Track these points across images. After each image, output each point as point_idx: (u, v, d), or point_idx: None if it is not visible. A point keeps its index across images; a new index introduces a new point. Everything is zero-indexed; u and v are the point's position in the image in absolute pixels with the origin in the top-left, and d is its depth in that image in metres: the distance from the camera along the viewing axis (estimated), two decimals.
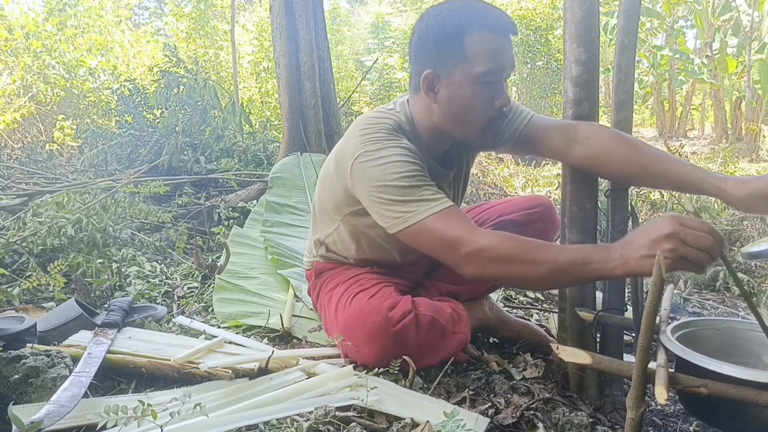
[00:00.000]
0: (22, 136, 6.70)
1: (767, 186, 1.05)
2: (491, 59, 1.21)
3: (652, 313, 0.88)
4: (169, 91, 4.21)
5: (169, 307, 1.90)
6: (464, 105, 1.26)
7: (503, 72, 1.24)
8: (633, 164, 1.22)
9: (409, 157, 1.24)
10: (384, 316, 1.26)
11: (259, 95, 10.32)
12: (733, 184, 1.10)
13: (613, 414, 1.24)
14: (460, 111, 1.27)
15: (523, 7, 10.40)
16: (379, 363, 1.25)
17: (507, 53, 1.24)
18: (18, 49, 7.30)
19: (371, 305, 1.31)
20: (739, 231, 3.03)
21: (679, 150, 3.57)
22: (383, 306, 1.28)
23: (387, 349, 1.26)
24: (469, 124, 1.29)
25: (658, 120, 14.31)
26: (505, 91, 1.26)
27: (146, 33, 11.95)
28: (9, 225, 2.51)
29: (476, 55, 1.21)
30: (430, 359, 1.33)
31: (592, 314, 1.24)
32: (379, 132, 1.29)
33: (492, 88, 1.24)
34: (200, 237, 2.93)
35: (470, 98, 1.25)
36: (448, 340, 1.34)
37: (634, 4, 1.24)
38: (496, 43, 1.22)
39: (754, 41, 11.03)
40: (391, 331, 1.25)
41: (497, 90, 1.24)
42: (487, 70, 1.21)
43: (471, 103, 1.25)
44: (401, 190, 1.20)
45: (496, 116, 1.27)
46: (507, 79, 1.28)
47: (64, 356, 1.24)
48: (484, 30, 1.21)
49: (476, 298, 1.61)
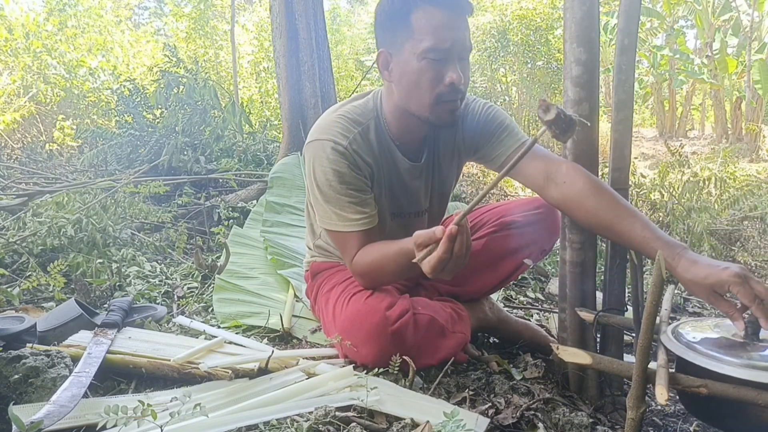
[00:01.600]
0: (22, 136, 6.70)
1: (709, 276, 1.05)
2: (436, 35, 1.22)
3: (652, 313, 0.88)
4: (169, 91, 4.21)
5: (169, 307, 1.90)
6: (413, 81, 1.27)
7: (450, 49, 1.23)
8: (599, 218, 1.23)
9: (345, 165, 1.31)
10: (382, 316, 1.26)
11: (259, 95, 10.31)
12: (684, 264, 1.09)
13: (613, 414, 1.24)
14: (410, 87, 1.28)
15: (523, 7, 10.38)
16: (378, 363, 1.25)
17: (455, 30, 1.23)
18: (18, 49, 7.29)
19: (369, 305, 1.31)
20: (739, 231, 3.03)
21: (679, 150, 3.57)
22: (381, 305, 1.28)
23: (385, 349, 1.26)
24: (420, 100, 1.29)
25: (658, 120, 14.30)
26: (456, 68, 1.24)
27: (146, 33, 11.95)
28: (9, 225, 2.51)
29: (421, 31, 1.22)
30: (429, 359, 1.32)
31: (592, 314, 1.24)
32: (333, 127, 1.35)
33: (441, 64, 1.24)
34: (200, 237, 2.93)
35: (417, 74, 1.25)
36: (447, 340, 1.34)
37: (634, 4, 1.24)
38: (442, 18, 1.22)
39: (754, 41, 11.03)
40: (389, 330, 1.25)
41: (447, 67, 1.24)
42: (432, 45, 1.22)
43: (419, 80, 1.26)
44: (329, 195, 1.33)
45: (446, 92, 1.26)
46: (464, 58, 1.27)
47: (64, 356, 1.24)
48: (430, 5, 1.22)
49: (477, 298, 1.61)
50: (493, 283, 1.59)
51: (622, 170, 1.28)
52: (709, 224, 2.82)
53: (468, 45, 1.27)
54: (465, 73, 1.27)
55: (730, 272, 1.02)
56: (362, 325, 1.29)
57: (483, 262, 1.52)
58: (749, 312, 0.99)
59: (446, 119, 1.33)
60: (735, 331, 1.02)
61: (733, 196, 3.11)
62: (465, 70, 1.28)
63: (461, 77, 1.25)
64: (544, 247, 1.59)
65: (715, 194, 3.24)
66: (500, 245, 1.52)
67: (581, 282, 1.29)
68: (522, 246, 1.53)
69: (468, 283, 1.58)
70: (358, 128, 1.36)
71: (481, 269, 1.54)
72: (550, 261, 2.63)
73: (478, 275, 1.55)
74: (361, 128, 1.36)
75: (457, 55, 1.25)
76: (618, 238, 1.22)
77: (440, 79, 1.25)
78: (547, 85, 10.40)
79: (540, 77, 10.48)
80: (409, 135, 1.41)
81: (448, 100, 1.28)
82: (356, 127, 1.36)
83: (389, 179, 1.43)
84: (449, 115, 1.31)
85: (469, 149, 1.48)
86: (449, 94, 1.27)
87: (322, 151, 1.32)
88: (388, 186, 1.44)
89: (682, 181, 3.18)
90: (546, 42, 10.27)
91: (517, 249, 1.53)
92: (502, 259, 1.54)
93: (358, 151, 1.34)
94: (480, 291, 1.61)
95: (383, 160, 1.41)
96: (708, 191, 3.26)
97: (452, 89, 1.26)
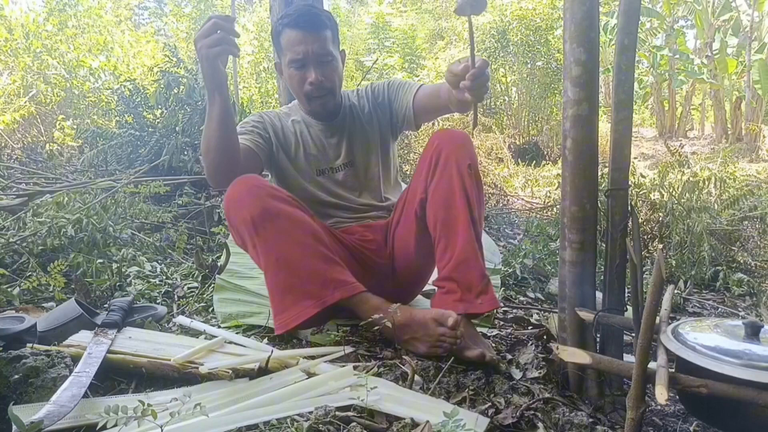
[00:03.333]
0: (22, 136, 6.70)
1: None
2: (292, 49, 1.63)
3: (652, 313, 0.88)
4: (169, 91, 4.20)
5: (170, 307, 1.90)
6: (291, 85, 1.72)
7: (304, 58, 1.62)
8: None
9: (255, 117, 1.76)
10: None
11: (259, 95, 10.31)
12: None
13: (613, 414, 1.24)
14: (290, 86, 1.73)
15: (522, 7, 10.38)
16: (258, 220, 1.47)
17: (307, 44, 1.61)
18: (18, 49, 7.29)
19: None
20: (739, 231, 3.03)
21: (679, 150, 3.57)
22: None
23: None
24: (298, 95, 1.73)
25: (658, 120, 14.30)
26: (312, 71, 1.64)
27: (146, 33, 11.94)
28: (9, 225, 2.51)
29: (285, 47, 1.66)
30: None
31: (592, 314, 1.24)
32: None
33: (302, 70, 1.65)
34: (200, 237, 2.93)
35: (290, 79, 1.70)
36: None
37: (634, 4, 1.24)
38: (297, 36, 1.62)
39: (754, 41, 11.03)
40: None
41: (306, 71, 1.65)
42: (291, 57, 1.64)
43: (292, 83, 1.70)
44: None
45: (310, 90, 1.67)
46: (323, 62, 1.64)
47: (64, 356, 1.24)
48: (288, 28, 1.64)
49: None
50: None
51: (622, 170, 1.28)
52: (709, 224, 2.82)
53: (324, 51, 1.63)
54: (325, 72, 1.65)
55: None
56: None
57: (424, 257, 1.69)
58: (749, 313, 0.99)
59: (320, 111, 1.75)
60: (735, 331, 1.02)
61: (733, 196, 3.10)
62: (324, 70, 1.65)
63: (318, 77, 1.64)
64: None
65: (715, 194, 3.24)
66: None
67: (581, 282, 1.29)
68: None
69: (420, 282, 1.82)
70: (284, 110, 1.85)
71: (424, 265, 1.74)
72: (550, 261, 2.63)
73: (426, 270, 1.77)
74: (282, 112, 1.83)
75: (312, 61, 1.63)
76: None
77: (303, 80, 1.66)
78: (547, 85, 10.40)
79: (540, 77, 10.48)
80: (321, 110, 1.77)
81: (314, 96, 1.68)
82: (283, 109, 1.85)
83: (305, 140, 1.78)
84: (321, 108, 1.73)
85: (383, 112, 1.83)
86: (313, 91, 1.67)
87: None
88: (304, 145, 1.78)
89: (682, 181, 3.18)
90: (546, 42, 10.27)
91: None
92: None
93: (270, 116, 1.80)
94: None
95: (298, 126, 1.79)
96: (708, 191, 3.26)
97: (314, 88, 1.66)
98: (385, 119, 1.84)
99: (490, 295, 1.48)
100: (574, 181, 1.28)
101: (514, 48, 10.37)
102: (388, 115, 1.83)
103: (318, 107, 1.72)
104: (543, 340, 1.64)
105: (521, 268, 2.52)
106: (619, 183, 1.28)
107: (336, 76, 1.70)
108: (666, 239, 2.96)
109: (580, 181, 1.28)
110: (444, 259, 1.51)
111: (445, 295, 1.49)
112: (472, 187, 1.52)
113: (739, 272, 2.61)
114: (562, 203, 1.32)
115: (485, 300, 1.47)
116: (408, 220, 1.68)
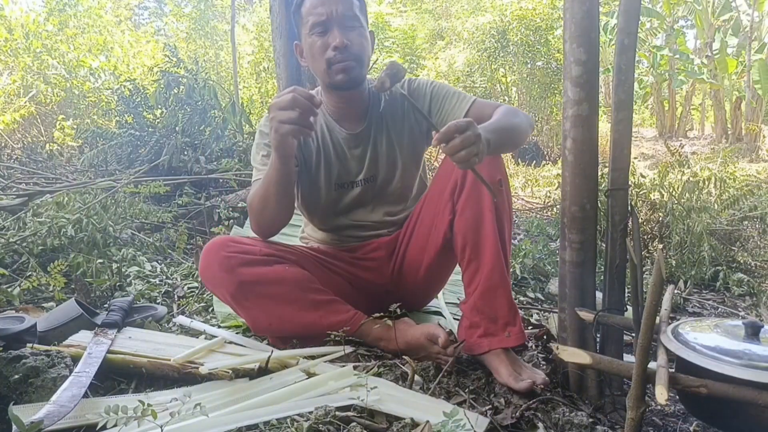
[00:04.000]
0: (22, 136, 6.70)
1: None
2: (314, 12, 1.46)
3: (652, 313, 0.88)
4: (169, 91, 4.20)
5: (170, 307, 1.90)
6: (311, 56, 1.51)
7: (327, 20, 1.45)
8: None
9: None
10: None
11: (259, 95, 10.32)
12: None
13: (613, 414, 1.24)
14: (312, 62, 1.52)
15: (522, 7, 10.39)
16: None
17: (329, 5, 1.45)
18: (18, 49, 7.30)
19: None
20: (739, 231, 3.03)
21: (679, 150, 3.56)
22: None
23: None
24: (319, 69, 1.50)
25: (658, 120, 14.30)
26: (337, 34, 1.44)
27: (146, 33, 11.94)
28: (9, 225, 2.51)
29: (306, 15, 1.48)
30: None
31: (592, 314, 1.24)
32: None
33: (324, 35, 1.46)
34: (200, 237, 2.93)
35: (310, 48, 1.49)
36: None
37: (634, 4, 1.24)
38: (317, 0, 1.46)
39: (754, 41, 11.03)
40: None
41: (329, 35, 1.45)
42: (313, 22, 1.46)
43: (312, 52, 1.49)
44: (254, 150, 1.60)
45: (333, 56, 1.46)
46: (347, 26, 1.46)
47: (64, 356, 1.24)
48: None
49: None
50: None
51: (622, 170, 1.28)
52: (709, 224, 2.82)
53: (350, 13, 1.46)
54: (350, 36, 1.46)
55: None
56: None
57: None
58: (749, 313, 0.99)
59: (340, 80, 1.49)
60: (735, 331, 1.02)
61: (733, 196, 3.10)
62: (350, 34, 1.46)
63: (342, 40, 1.44)
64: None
65: (715, 194, 3.24)
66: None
67: (581, 282, 1.29)
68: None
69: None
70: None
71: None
72: (550, 261, 2.63)
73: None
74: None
75: (337, 23, 1.45)
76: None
77: (326, 46, 1.46)
78: (547, 85, 10.40)
79: (540, 77, 10.48)
80: (346, 109, 1.60)
81: (337, 62, 1.46)
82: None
83: (326, 148, 1.59)
84: (342, 74, 1.48)
85: (416, 128, 1.62)
86: (336, 56, 1.45)
87: (262, 122, 1.60)
88: (325, 155, 1.59)
89: (682, 181, 3.18)
90: (546, 42, 10.27)
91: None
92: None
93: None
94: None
95: (319, 131, 1.59)
96: (708, 191, 3.26)
97: (338, 52, 1.45)
98: (420, 129, 1.62)
99: (518, 327, 1.36)
100: (574, 181, 1.28)
101: (513, 48, 10.37)
102: (425, 126, 1.61)
103: (341, 78, 1.48)
104: (543, 340, 1.64)
105: (521, 268, 2.52)
106: (619, 183, 1.28)
107: (365, 44, 1.49)
108: (666, 239, 2.95)
109: (580, 181, 1.28)
110: (472, 285, 1.40)
111: (469, 330, 1.39)
112: (504, 206, 1.40)
113: (739, 272, 2.61)
114: (562, 203, 1.32)
115: (513, 332, 1.35)
116: (425, 239, 1.55)
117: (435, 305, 1.86)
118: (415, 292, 1.69)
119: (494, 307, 1.36)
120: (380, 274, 1.65)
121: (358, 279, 1.64)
